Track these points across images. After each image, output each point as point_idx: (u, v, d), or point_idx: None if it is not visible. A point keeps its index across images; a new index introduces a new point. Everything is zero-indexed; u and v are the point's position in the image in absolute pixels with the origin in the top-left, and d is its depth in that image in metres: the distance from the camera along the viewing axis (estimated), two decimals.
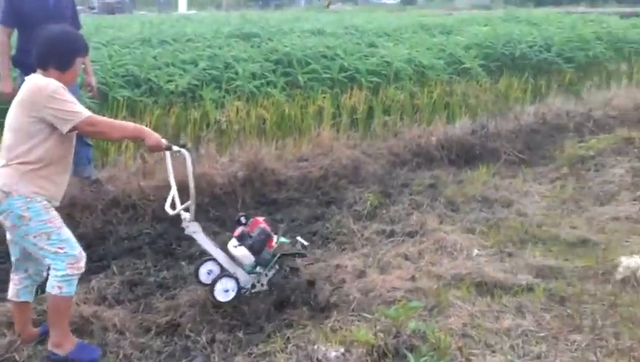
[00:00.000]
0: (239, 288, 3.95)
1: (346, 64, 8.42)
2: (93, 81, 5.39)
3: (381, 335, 3.16)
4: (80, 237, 4.02)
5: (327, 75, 8.20)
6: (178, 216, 3.87)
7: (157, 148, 3.57)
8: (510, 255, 4.82)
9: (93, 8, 30.80)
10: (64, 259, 3.32)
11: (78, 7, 6.13)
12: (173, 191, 3.89)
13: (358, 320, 3.71)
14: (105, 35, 9.92)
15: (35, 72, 3.40)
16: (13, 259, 3.53)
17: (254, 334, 3.66)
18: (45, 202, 3.33)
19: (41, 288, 3.59)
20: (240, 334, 3.65)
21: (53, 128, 3.26)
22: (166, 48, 8.58)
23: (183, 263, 4.67)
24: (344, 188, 6.24)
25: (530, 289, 4.21)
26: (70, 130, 3.26)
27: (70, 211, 4.93)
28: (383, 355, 3.05)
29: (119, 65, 7.24)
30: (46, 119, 3.23)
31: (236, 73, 7.58)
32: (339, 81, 8.21)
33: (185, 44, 8.97)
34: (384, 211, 5.67)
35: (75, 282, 3.38)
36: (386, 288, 4.09)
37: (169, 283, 4.35)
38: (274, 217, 5.61)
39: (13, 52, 5.10)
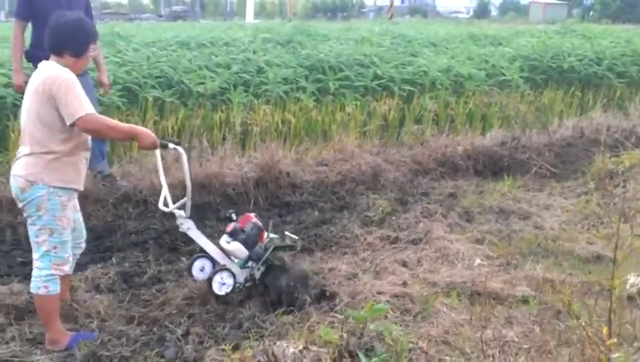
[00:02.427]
0: (235, 282, 4.01)
1: (379, 72, 8.39)
2: (105, 77, 5.51)
3: (344, 335, 3.12)
4: (90, 230, 4.21)
5: (361, 83, 8.19)
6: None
7: (151, 148, 3.58)
8: (516, 267, 4.69)
9: (161, 16, 32.18)
10: (52, 259, 3.40)
11: (147, 15, 6.32)
12: (165, 190, 3.96)
13: (338, 322, 3.68)
14: (145, 37, 10.22)
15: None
16: None
17: (232, 329, 3.68)
18: (65, 197, 3.39)
19: None
20: (218, 329, 3.68)
21: None
22: (202, 52, 8.75)
23: (184, 258, 4.75)
24: (360, 194, 6.18)
25: (525, 301, 4.09)
26: (71, 125, 3.26)
27: (82, 204, 4.98)
28: (339, 355, 3.01)
29: (154, 66, 7.45)
30: (57, 108, 3.26)
31: (267, 78, 7.66)
32: (371, 89, 8.19)
33: (220, 48, 9.12)
34: (394, 218, 5.61)
35: (59, 280, 3.46)
36: (372, 292, 4.05)
37: (164, 277, 4.42)
38: (284, 219, 5.64)
39: (27, 47, 5.25)
